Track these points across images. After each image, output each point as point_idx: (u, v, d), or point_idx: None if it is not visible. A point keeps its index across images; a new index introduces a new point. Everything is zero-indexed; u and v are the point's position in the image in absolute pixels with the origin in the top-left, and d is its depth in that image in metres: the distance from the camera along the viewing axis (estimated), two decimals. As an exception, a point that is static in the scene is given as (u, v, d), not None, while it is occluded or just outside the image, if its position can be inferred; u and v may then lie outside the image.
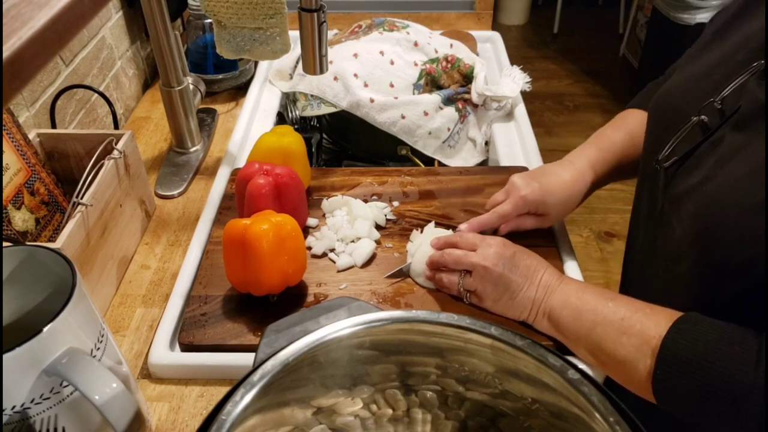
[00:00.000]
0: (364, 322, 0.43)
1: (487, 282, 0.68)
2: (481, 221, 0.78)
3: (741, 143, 0.54)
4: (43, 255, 0.54)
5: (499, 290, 0.68)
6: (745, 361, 0.50)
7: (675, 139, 0.62)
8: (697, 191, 0.57)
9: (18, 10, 0.26)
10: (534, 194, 0.76)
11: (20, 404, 0.47)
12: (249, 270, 0.69)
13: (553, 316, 0.65)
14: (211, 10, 0.85)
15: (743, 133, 0.54)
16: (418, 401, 0.48)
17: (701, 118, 0.60)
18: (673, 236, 0.61)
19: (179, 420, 0.66)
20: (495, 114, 1.10)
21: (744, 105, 0.55)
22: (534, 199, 0.77)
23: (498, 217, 0.78)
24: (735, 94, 0.57)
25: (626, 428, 0.36)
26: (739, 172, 0.53)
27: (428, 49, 1.09)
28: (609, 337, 0.59)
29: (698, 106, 0.60)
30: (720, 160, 0.56)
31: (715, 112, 0.58)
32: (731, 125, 0.56)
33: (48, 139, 0.83)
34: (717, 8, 2.34)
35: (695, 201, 0.57)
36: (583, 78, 3.23)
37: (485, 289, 0.69)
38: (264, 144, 0.85)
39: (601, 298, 0.62)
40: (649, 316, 0.57)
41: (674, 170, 0.62)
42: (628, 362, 0.57)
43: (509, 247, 0.69)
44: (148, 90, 1.24)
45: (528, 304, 0.67)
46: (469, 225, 0.78)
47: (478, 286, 0.70)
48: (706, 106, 0.59)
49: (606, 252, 2.23)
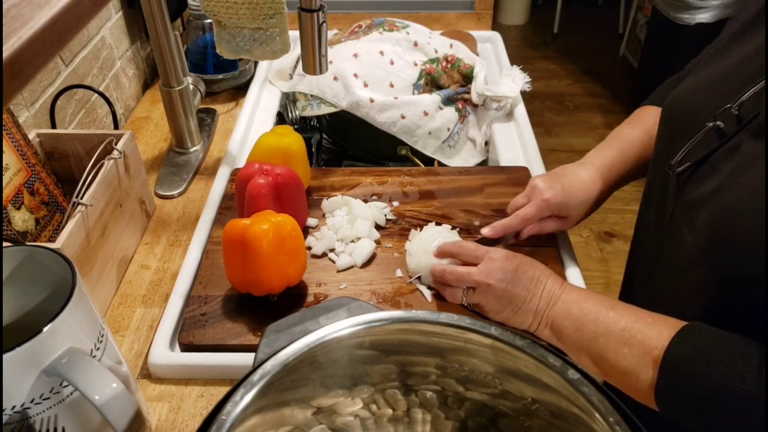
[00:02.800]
0: (364, 322, 0.43)
1: (491, 297, 0.68)
2: (504, 225, 0.77)
3: (759, 152, 0.53)
4: (43, 255, 0.54)
5: (502, 303, 0.68)
6: (746, 372, 0.49)
7: (689, 144, 0.61)
8: (712, 200, 0.56)
9: (18, 10, 0.26)
10: (557, 197, 0.75)
11: (20, 404, 0.47)
12: (249, 270, 0.69)
13: (555, 327, 0.65)
14: (211, 10, 0.85)
15: (761, 141, 0.53)
16: (418, 401, 0.48)
17: (717, 124, 0.58)
18: (684, 244, 0.60)
19: (179, 420, 0.66)
20: (495, 114, 1.10)
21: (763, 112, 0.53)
22: (557, 202, 0.76)
23: (521, 221, 0.77)
24: (753, 100, 0.55)
25: (626, 428, 0.36)
26: (756, 182, 0.52)
27: (428, 49, 1.09)
28: (610, 348, 0.58)
29: (714, 111, 0.58)
30: (737, 169, 0.54)
31: (732, 118, 0.57)
32: (749, 132, 0.55)
33: (48, 139, 0.83)
34: (717, 8, 2.34)
35: (709, 210, 0.56)
36: (583, 78, 3.23)
37: (488, 303, 0.69)
38: (264, 144, 0.85)
39: (602, 308, 0.61)
40: (650, 326, 0.57)
41: (687, 176, 0.61)
42: (630, 373, 0.56)
43: (512, 260, 0.69)
44: (148, 90, 1.24)
45: (530, 315, 0.67)
46: (492, 230, 0.77)
47: (481, 300, 0.70)
48: (723, 112, 0.57)
49: (606, 252, 2.23)
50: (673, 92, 0.68)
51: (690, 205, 0.60)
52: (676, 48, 2.51)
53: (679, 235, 0.61)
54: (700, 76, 0.66)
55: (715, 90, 0.61)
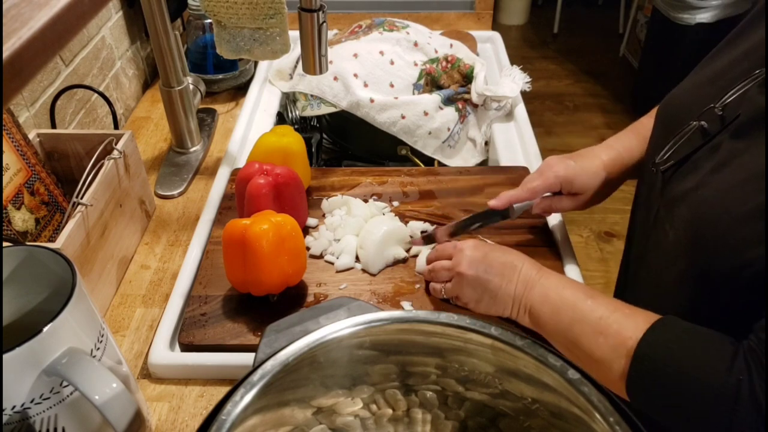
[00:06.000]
0: (364, 322, 0.43)
1: (466, 286, 0.69)
2: (510, 195, 0.77)
3: (738, 150, 0.54)
4: (42, 255, 0.54)
5: (478, 292, 0.69)
6: (718, 365, 0.50)
7: (674, 143, 0.62)
8: (691, 196, 0.57)
9: (18, 10, 0.26)
10: (567, 170, 0.75)
11: (20, 404, 0.47)
12: (249, 270, 0.69)
13: (534, 312, 0.65)
14: (211, 10, 0.85)
15: (741, 141, 0.55)
16: (418, 401, 0.48)
17: (701, 124, 0.60)
18: (666, 240, 0.61)
19: (179, 420, 0.66)
20: (495, 114, 1.10)
21: (744, 112, 0.55)
22: (566, 175, 0.75)
23: (527, 191, 0.76)
24: (736, 102, 0.57)
25: (626, 428, 0.36)
26: (733, 179, 0.53)
27: (428, 49, 1.09)
28: (586, 336, 0.59)
29: (700, 112, 0.60)
30: (716, 167, 0.56)
31: (715, 118, 0.58)
32: (730, 132, 0.56)
33: (48, 139, 0.83)
34: (717, 8, 2.34)
35: (689, 206, 0.57)
36: (583, 78, 3.23)
37: (465, 293, 0.70)
38: (264, 144, 0.85)
39: (581, 295, 0.62)
40: (627, 318, 0.57)
41: (670, 174, 0.63)
42: (603, 362, 0.57)
43: (480, 249, 0.70)
44: (148, 90, 1.24)
45: (509, 301, 0.67)
46: (498, 200, 0.77)
47: (458, 291, 0.70)
48: (707, 112, 0.59)
49: (606, 252, 2.23)
50: (669, 94, 0.70)
51: (672, 201, 0.61)
52: (676, 48, 2.51)
53: (662, 231, 0.62)
54: (693, 79, 0.67)
55: (704, 91, 0.62)
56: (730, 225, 0.52)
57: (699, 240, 0.55)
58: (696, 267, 0.56)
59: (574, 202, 0.78)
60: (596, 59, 3.36)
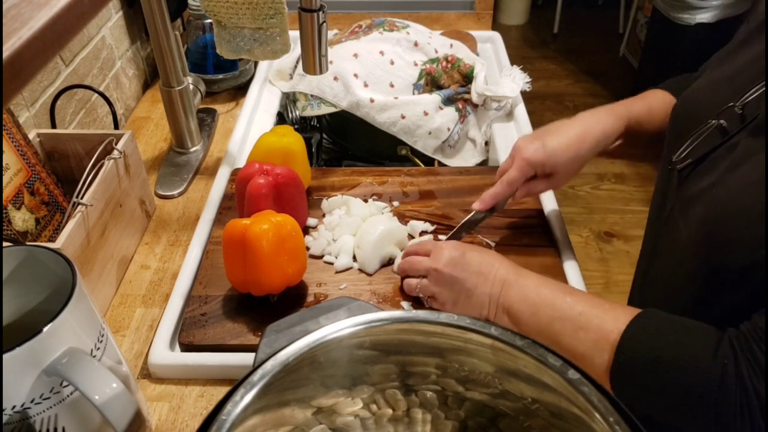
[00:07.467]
0: (364, 322, 0.43)
1: (442, 284, 0.69)
2: (492, 194, 0.77)
3: (754, 149, 0.54)
4: (43, 255, 0.54)
5: (455, 291, 0.68)
6: (703, 351, 0.50)
7: (692, 141, 0.62)
8: (707, 194, 0.57)
9: (18, 10, 0.26)
10: (537, 154, 0.74)
11: (20, 404, 0.47)
12: (249, 270, 0.69)
13: (513, 312, 0.65)
14: (211, 10, 0.85)
15: (758, 140, 0.54)
16: (418, 401, 0.48)
17: (720, 122, 0.59)
18: (679, 238, 0.61)
19: (179, 420, 0.66)
20: (495, 114, 1.10)
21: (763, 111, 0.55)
22: (538, 159, 0.75)
23: (506, 185, 0.76)
24: (757, 101, 0.56)
25: (626, 428, 0.36)
26: (749, 177, 0.53)
27: (428, 49, 1.09)
28: (566, 333, 0.59)
29: (718, 110, 0.60)
30: (731, 165, 0.56)
31: (735, 117, 0.58)
32: (748, 131, 0.56)
33: (48, 139, 0.83)
34: (717, 8, 2.34)
35: (704, 204, 0.57)
36: (583, 78, 3.23)
37: (442, 292, 0.69)
38: (264, 144, 0.85)
39: (560, 293, 0.62)
40: (607, 312, 0.57)
41: (687, 172, 0.62)
42: (585, 357, 0.57)
43: (459, 248, 0.70)
44: (148, 90, 1.24)
45: (485, 300, 0.67)
46: (482, 202, 0.77)
47: (434, 289, 0.70)
48: (726, 110, 0.59)
49: (606, 252, 2.23)
50: (684, 92, 0.69)
51: (687, 200, 0.61)
52: (676, 48, 2.51)
53: (675, 229, 0.62)
54: (709, 77, 0.67)
55: (722, 90, 0.62)
56: (743, 223, 0.52)
57: (712, 237, 0.55)
58: (708, 265, 0.55)
59: (550, 183, 0.78)
60: (596, 59, 3.36)
